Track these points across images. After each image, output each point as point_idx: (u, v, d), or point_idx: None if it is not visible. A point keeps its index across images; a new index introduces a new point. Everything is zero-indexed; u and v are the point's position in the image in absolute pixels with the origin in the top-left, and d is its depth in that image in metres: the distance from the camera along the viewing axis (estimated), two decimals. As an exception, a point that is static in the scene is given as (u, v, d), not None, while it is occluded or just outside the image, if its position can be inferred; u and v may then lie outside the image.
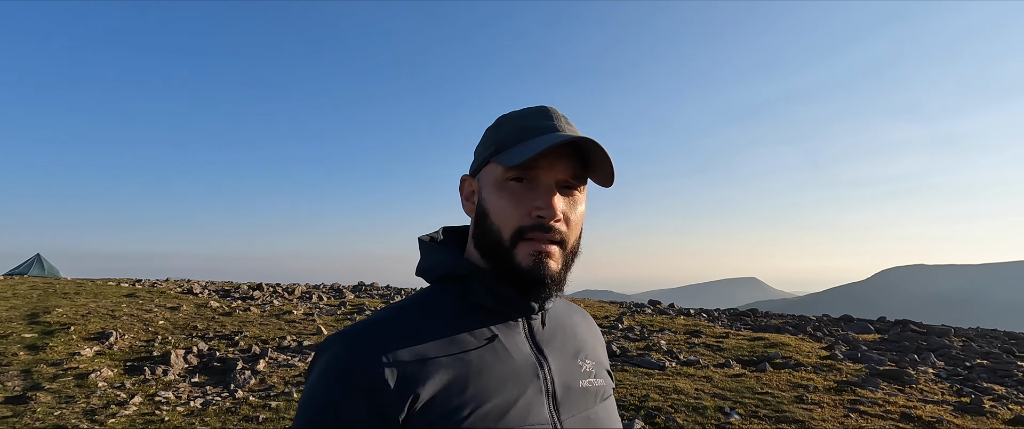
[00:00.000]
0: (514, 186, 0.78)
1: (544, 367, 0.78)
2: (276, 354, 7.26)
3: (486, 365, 0.78)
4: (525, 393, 0.78)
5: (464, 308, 0.78)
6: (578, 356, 0.81)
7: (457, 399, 0.78)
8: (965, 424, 4.96)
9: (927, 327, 9.92)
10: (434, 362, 0.78)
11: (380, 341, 0.77)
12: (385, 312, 0.79)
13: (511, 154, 0.78)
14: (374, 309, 11.56)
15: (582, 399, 0.78)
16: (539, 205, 0.78)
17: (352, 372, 0.77)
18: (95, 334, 7.65)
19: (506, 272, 0.78)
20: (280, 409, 4.88)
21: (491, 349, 0.78)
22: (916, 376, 6.54)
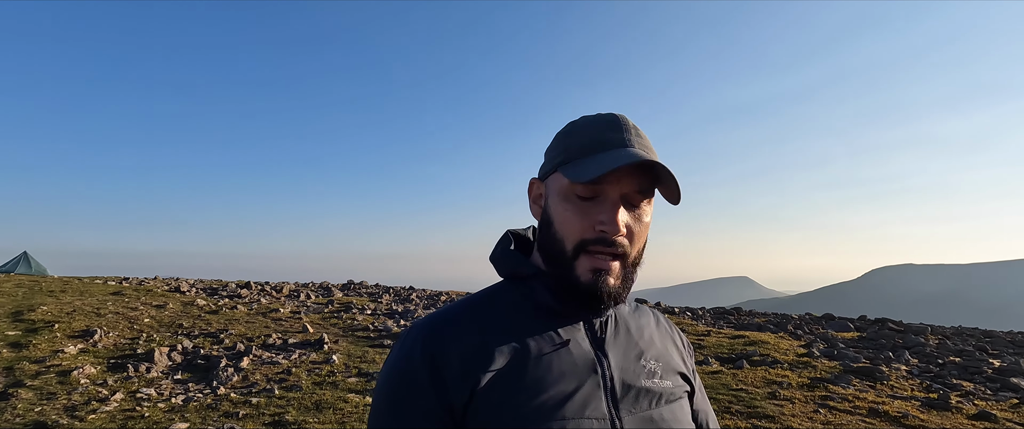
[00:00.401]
0: (579, 198, 0.80)
1: (603, 364, 0.80)
2: (261, 351, 7.31)
3: (545, 357, 0.81)
4: (583, 387, 0.80)
5: (528, 305, 0.81)
6: (642, 357, 0.82)
7: (515, 387, 0.81)
8: (930, 419, 5.10)
9: (905, 325, 10.11)
10: (496, 351, 0.81)
11: (449, 330, 0.81)
12: (456, 304, 0.83)
13: (579, 168, 0.80)
14: (362, 307, 11.61)
15: (643, 398, 0.80)
16: (603, 219, 0.80)
17: (423, 356, 0.81)
18: (79, 332, 7.66)
19: (564, 280, 0.80)
20: (260, 405, 4.94)
21: (551, 343, 0.81)
22: (888, 373, 6.70)
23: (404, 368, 0.82)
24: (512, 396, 0.80)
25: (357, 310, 11.23)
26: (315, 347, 7.75)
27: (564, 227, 0.80)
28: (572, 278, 0.80)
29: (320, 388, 5.63)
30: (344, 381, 5.95)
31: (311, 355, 7.25)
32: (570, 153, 0.80)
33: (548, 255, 0.80)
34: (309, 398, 5.21)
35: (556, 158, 0.81)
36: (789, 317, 11.38)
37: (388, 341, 8.38)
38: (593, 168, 0.80)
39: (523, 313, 0.81)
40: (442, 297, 14.37)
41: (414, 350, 0.82)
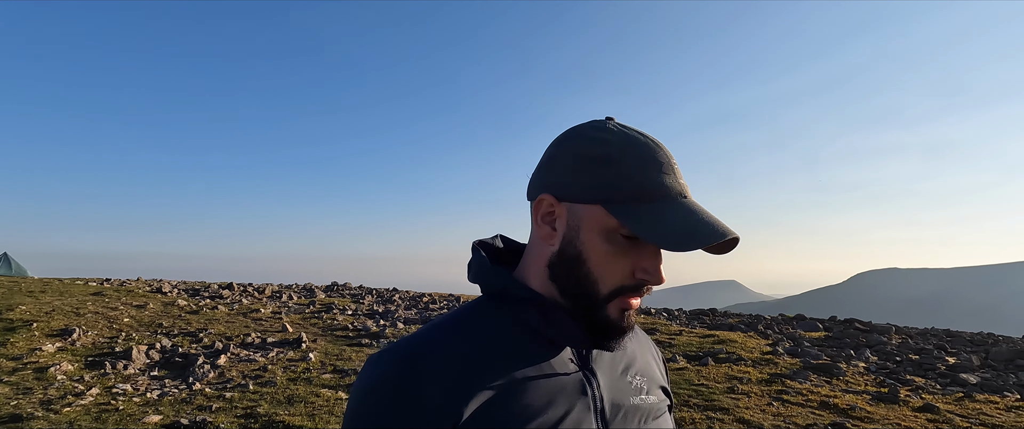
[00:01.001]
0: (624, 242, 0.73)
1: (592, 384, 0.76)
2: (239, 350, 7.44)
3: (533, 383, 0.75)
4: (573, 411, 0.75)
5: (513, 327, 0.76)
6: (628, 372, 0.80)
7: (502, 416, 0.75)
8: (876, 411, 5.37)
9: (870, 325, 10.44)
10: (481, 379, 0.75)
11: (426, 358, 0.75)
12: (431, 327, 0.77)
13: (646, 223, 0.73)
14: (343, 307, 11.75)
15: (632, 416, 0.77)
16: (647, 269, 0.74)
17: (399, 389, 0.75)
18: (58, 331, 7.74)
19: (588, 319, 0.74)
20: (234, 399, 5.09)
21: (538, 367, 0.75)
22: (846, 369, 6.98)
23: (378, 406, 0.75)
24: (501, 425, 0.75)
25: (338, 310, 11.37)
26: (293, 346, 7.89)
27: (602, 269, 0.74)
28: (600, 317, 0.74)
29: (294, 383, 5.79)
30: (318, 377, 6.11)
31: (288, 353, 7.39)
32: (619, 191, 0.73)
33: (570, 289, 0.74)
34: (282, 392, 5.37)
35: (595, 190, 0.73)
36: (761, 317, 11.68)
37: (366, 340, 8.54)
38: (672, 233, 0.73)
39: (507, 335, 0.76)
40: (424, 298, 14.52)
41: (386, 384, 0.75)
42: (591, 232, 0.73)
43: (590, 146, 0.73)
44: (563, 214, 0.74)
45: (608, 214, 0.73)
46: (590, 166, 0.73)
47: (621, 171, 0.73)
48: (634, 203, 0.73)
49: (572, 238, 0.74)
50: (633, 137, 0.73)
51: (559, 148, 0.76)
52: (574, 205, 0.73)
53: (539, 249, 0.77)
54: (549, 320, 0.75)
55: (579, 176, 0.73)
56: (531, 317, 0.75)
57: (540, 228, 0.76)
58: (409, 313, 11.67)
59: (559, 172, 0.74)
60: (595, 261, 0.73)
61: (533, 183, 0.78)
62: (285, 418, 4.55)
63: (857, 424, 4.94)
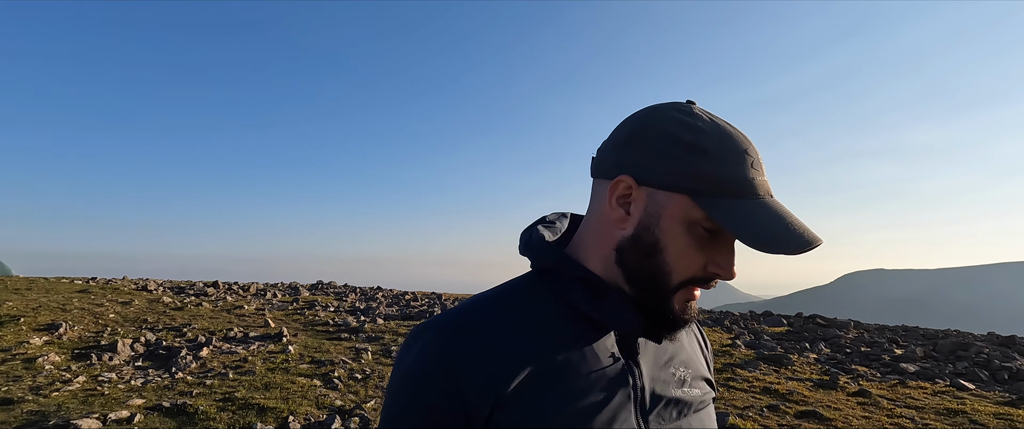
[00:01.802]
0: (704, 234, 0.71)
1: (633, 374, 0.74)
2: (221, 343, 7.75)
3: (574, 366, 0.73)
4: (613, 399, 0.72)
5: (559, 307, 0.75)
6: (671, 363, 0.77)
7: (543, 398, 0.72)
8: (813, 395, 5.81)
9: (830, 321, 10.94)
10: (522, 359, 0.73)
11: (470, 333, 0.74)
12: (477, 301, 0.76)
13: (738, 220, 0.68)
14: (325, 304, 12.06)
15: (673, 408, 0.75)
16: (721, 263, 0.72)
17: (442, 364, 0.73)
18: (45, 325, 8.00)
19: (651, 308, 0.73)
20: (214, 386, 5.43)
21: (581, 351, 0.73)
22: (795, 360, 7.44)
23: (420, 379, 0.74)
24: (539, 408, 0.72)
25: (321, 307, 11.68)
26: (274, 339, 8.21)
27: (678, 260, 0.71)
28: (665, 307, 0.72)
29: (272, 372, 6.13)
30: (296, 367, 6.45)
31: (269, 346, 7.71)
32: (709, 183, 0.69)
33: (642, 278, 0.72)
34: (260, 380, 5.71)
35: (683, 179, 0.69)
36: (730, 313, 12.15)
37: (346, 334, 8.87)
38: (771, 235, 0.67)
39: (553, 316, 0.74)
40: (407, 295, 14.85)
41: (429, 358, 0.73)
42: (673, 221, 0.70)
43: (680, 130, 0.70)
44: (642, 198, 0.72)
45: (694, 205, 0.69)
46: (679, 152, 0.70)
47: (713, 162, 0.69)
48: (723, 197, 0.69)
49: (650, 225, 0.71)
50: (724, 127, 0.71)
51: (642, 127, 0.72)
52: (656, 191, 0.71)
53: (606, 231, 0.74)
54: (600, 303, 0.73)
55: (666, 161, 0.70)
56: (582, 298, 0.74)
57: (612, 210, 0.73)
58: (391, 310, 12.01)
59: (641, 153, 0.72)
60: (673, 251, 0.71)
61: (607, 160, 0.75)
62: (261, 401, 4.89)
63: (791, 406, 5.38)
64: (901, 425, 4.92)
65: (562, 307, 0.74)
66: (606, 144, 0.76)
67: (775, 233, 0.67)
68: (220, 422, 4.36)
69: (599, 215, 0.75)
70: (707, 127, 0.70)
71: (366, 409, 4.89)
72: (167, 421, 4.37)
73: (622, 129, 0.74)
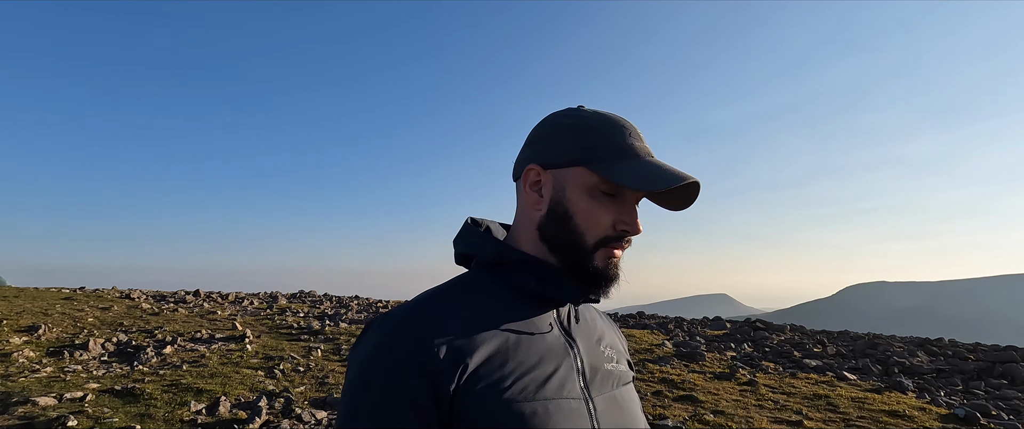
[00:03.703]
0: (605, 197, 0.83)
1: (574, 347, 0.84)
2: (186, 343, 8.44)
3: (525, 341, 0.84)
4: (560, 369, 0.83)
5: (505, 291, 0.84)
6: (600, 342, 0.86)
7: (501, 370, 0.83)
8: (706, 385, 6.49)
9: (768, 325, 11.61)
10: (479, 336, 0.83)
11: (428, 318, 0.84)
12: (425, 295, 0.84)
13: (626, 173, 0.83)
14: (296, 310, 12.74)
15: (607, 380, 0.83)
16: (626, 220, 0.83)
17: (407, 346, 0.83)
18: (25, 327, 8.70)
19: (578, 269, 0.84)
20: (165, 375, 6.13)
21: (529, 328, 0.84)
22: (709, 357, 8.12)
23: (389, 357, 0.83)
24: (499, 379, 0.83)
25: (291, 313, 12.37)
26: (237, 340, 8.90)
27: (589, 222, 0.83)
28: (589, 266, 0.83)
29: (223, 366, 6.82)
30: (247, 362, 7.15)
31: (230, 345, 8.40)
32: (596, 152, 0.84)
33: (559, 243, 0.84)
34: (209, 371, 6.41)
35: (574, 154, 0.84)
36: (682, 320, 12.81)
37: (306, 336, 9.56)
38: (646, 177, 0.84)
39: (499, 299, 0.84)
40: (379, 303, 15.53)
41: (399, 338, 0.83)
42: (576, 190, 0.84)
43: (569, 120, 0.84)
44: (549, 180, 0.84)
45: (590, 172, 0.84)
46: (570, 133, 0.84)
47: (597, 136, 0.84)
48: (611, 161, 0.83)
49: (559, 198, 0.84)
50: (604, 113, 0.84)
51: (540, 128, 0.86)
52: (558, 170, 0.84)
53: (528, 215, 0.85)
54: (543, 279, 0.83)
55: (561, 144, 0.84)
56: (526, 279, 0.84)
57: (528, 196, 0.85)
58: (359, 316, 12.69)
59: (542, 145, 0.85)
60: (581, 215, 0.83)
61: (519, 161, 0.88)
62: (202, 386, 5.59)
63: (675, 391, 6.06)
64: (762, 405, 5.61)
65: (506, 291, 0.84)
66: (518, 154, 0.89)
67: (654, 174, 0.83)
68: (160, 401, 5.06)
69: (521, 208, 0.87)
70: (590, 114, 0.84)
71: (293, 393, 5.58)
72: (116, 401, 5.07)
73: (527, 137, 0.88)
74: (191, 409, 4.88)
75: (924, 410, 5.56)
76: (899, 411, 5.45)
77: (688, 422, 4.94)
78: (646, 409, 5.37)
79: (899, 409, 5.51)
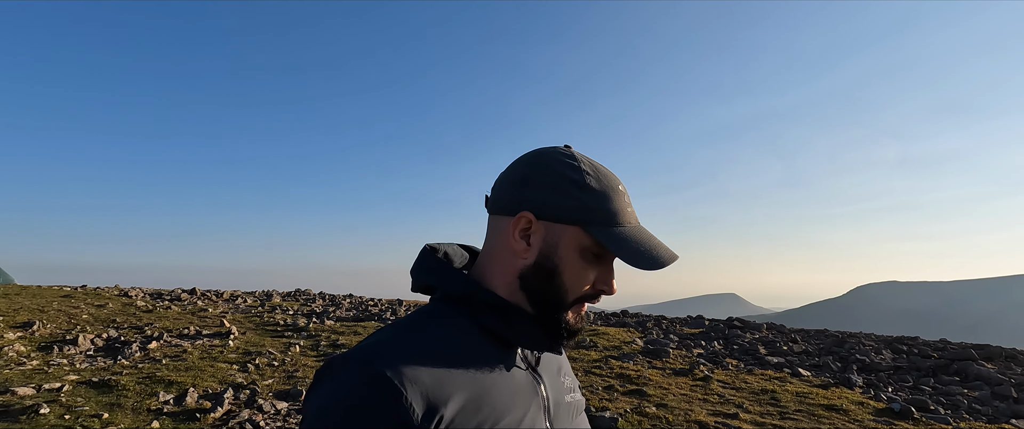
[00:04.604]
0: (593, 258, 0.86)
1: (540, 384, 0.86)
2: (172, 338, 8.81)
3: (497, 384, 0.85)
4: (530, 409, 0.86)
5: (470, 328, 0.85)
6: (560, 373, 0.88)
7: (476, 417, 0.85)
8: (661, 380, 6.73)
9: (745, 323, 11.81)
10: (452, 382, 0.84)
11: (398, 360, 0.83)
12: (391, 331, 0.84)
13: (619, 243, 0.85)
14: (286, 308, 13.10)
15: (566, 412, 0.87)
16: (606, 281, 0.86)
17: (378, 392, 0.83)
18: (21, 323, 9.10)
19: (550, 321, 0.86)
20: (144, 369, 6.47)
21: (498, 369, 0.85)
22: (672, 353, 8.35)
23: (356, 412, 0.83)
24: (475, 426, 0.85)
25: (280, 311, 12.73)
26: (222, 337, 9.26)
27: (575, 281, 0.86)
28: (559, 320, 0.86)
29: (202, 360, 7.16)
30: (225, 356, 7.48)
31: (214, 341, 8.76)
32: (595, 215, 0.86)
33: (538, 296, 0.86)
34: (186, 365, 6.75)
35: (575, 213, 0.86)
36: (663, 318, 13.04)
37: (290, 333, 9.90)
38: (645, 255, 0.86)
39: (468, 338, 0.85)
40: (370, 301, 15.87)
41: (361, 388, 0.83)
42: (569, 249, 0.86)
43: (569, 171, 0.85)
44: (540, 231, 0.86)
45: (585, 234, 0.86)
46: (570, 189, 0.86)
47: (597, 197, 0.86)
48: (607, 226, 0.86)
49: (549, 253, 0.86)
50: (600, 167, 0.86)
51: (535, 169, 0.86)
52: (553, 224, 0.86)
53: (508, 260, 0.86)
54: (511, 324, 0.86)
55: (560, 198, 0.86)
56: (494, 321, 0.85)
57: (515, 242, 0.86)
58: (348, 313, 13.02)
59: (537, 192, 0.86)
60: (569, 274, 0.86)
61: (506, 198, 0.86)
62: (174, 378, 5.93)
63: (627, 386, 6.32)
64: (707, 399, 5.85)
65: (474, 330, 0.85)
66: (502, 183, 0.86)
67: (646, 252, 0.86)
68: (132, 392, 5.40)
69: (501, 247, 0.86)
70: (589, 168, 0.85)
71: (260, 386, 5.90)
72: (90, 392, 5.41)
73: (515, 170, 0.86)
74: (159, 399, 5.21)
75: (862, 404, 5.77)
76: (837, 405, 5.67)
77: (628, 414, 5.20)
78: (593, 402, 5.63)
79: (838, 403, 5.73)
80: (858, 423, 5.16)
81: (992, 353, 8.41)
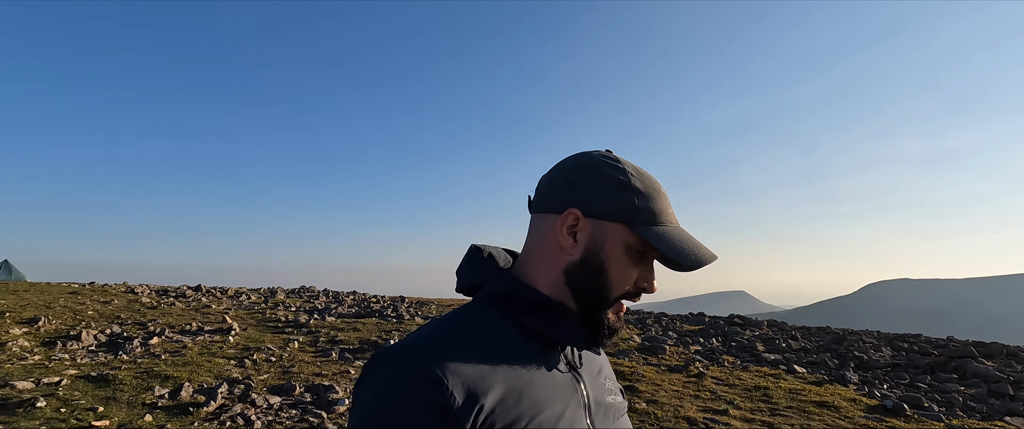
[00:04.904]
0: (637, 256, 0.87)
1: (580, 383, 0.87)
2: (173, 334, 8.92)
3: (536, 380, 0.86)
4: (569, 406, 0.87)
5: (513, 326, 0.87)
6: (601, 375, 0.88)
7: (515, 410, 0.86)
8: (655, 377, 6.73)
9: (746, 320, 11.77)
10: (493, 375, 0.86)
11: (441, 354, 0.85)
12: (433, 328, 0.86)
13: (664, 241, 0.88)
14: (288, 305, 13.21)
15: (608, 413, 0.87)
16: (647, 279, 0.88)
17: (422, 384, 0.85)
18: (27, 319, 9.26)
19: (592, 319, 0.87)
20: (143, 363, 6.57)
21: (540, 366, 0.86)
22: (669, 350, 8.35)
23: (402, 399, 0.85)
24: (514, 420, 0.86)
25: (283, 308, 12.85)
26: (223, 333, 9.37)
27: (619, 278, 0.87)
28: (601, 318, 0.87)
29: (201, 356, 7.26)
30: (224, 352, 7.58)
31: (215, 337, 8.86)
32: (640, 214, 0.88)
33: (584, 292, 0.87)
34: (185, 360, 6.85)
35: (623, 212, 0.88)
36: (664, 316, 13.02)
37: (290, 329, 9.99)
38: (688, 253, 0.88)
39: (510, 335, 0.87)
40: (372, 298, 15.97)
41: (411, 378, 0.85)
42: (615, 246, 0.88)
43: (615, 173, 0.88)
44: (587, 228, 0.88)
45: (631, 231, 0.88)
46: (616, 189, 0.88)
47: (642, 197, 0.88)
48: (650, 225, 0.88)
49: (596, 249, 0.88)
50: (642, 171, 0.89)
51: (582, 170, 0.89)
52: (600, 222, 0.88)
53: (554, 256, 0.88)
54: (554, 322, 0.87)
55: (605, 197, 0.88)
56: (536, 319, 0.87)
57: (562, 238, 0.88)
58: (350, 310, 13.12)
59: (585, 191, 0.88)
60: (615, 271, 0.88)
61: (552, 198, 0.89)
62: (171, 373, 6.02)
63: (620, 382, 6.29)
64: (698, 396, 5.86)
65: (516, 327, 0.86)
66: (545, 185, 0.88)
67: (688, 250, 0.88)
68: (128, 387, 5.49)
69: (546, 244, 0.88)
70: (632, 170, 0.88)
71: (255, 380, 5.98)
72: (88, 386, 5.51)
73: (561, 172, 0.88)
74: (155, 393, 5.30)
75: (855, 401, 5.75)
76: (829, 402, 5.65)
77: (617, 410, 5.21)
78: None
79: (830, 400, 5.71)
80: (849, 420, 5.15)
81: (993, 351, 8.33)
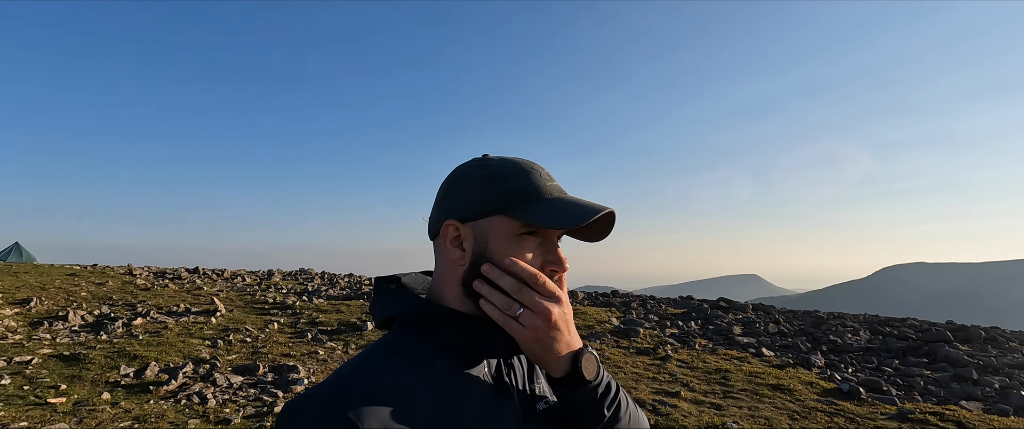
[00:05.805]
0: (529, 240, 0.85)
1: (512, 393, 0.85)
2: (158, 315, 9.13)
3: (463, 404, 0.84)
4: (505, 419, 0.85)
5: (434, 351, 0.84)
6: (531, 380, 0.87)
7: None
8: (620, 358, 6.79)
9: (731, 303, 11.75)
10: (415, 409, 0.83)
11: (355, 398, 0.82)
12: (353, 367, 0.83)
13: (545, 214, 0.85)
14: (279, 287, 13.42)
15: (543, 417, 0.86)
16: (552, 259, 0.85)
17: None
18: (20, 300, 9.53)
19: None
20: (118, 344, 6.75)
21: (465, 387, 0.84)
22: (641, 332, 8.39)
23: None
24: None
25: (275, 289, 13.05)
26: (209, 314, 9.56)
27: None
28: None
29: (178, 337, 7.43)
30: (202, 332, 7.75)
31: (199, 318, 9.06)
32: (513, 198, 0.86)
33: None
34: (159, 340, 7.02)
35: (494, 203, 0.86)
36: (650, 298, 13.04)
37: (276, 311, 10.17)
38: (571, 216, 0.85)
39: (431, 360, 0.84)
40: (366, 281, 16.15)
41: (327, 425, 0.82)
42: (498, 239, 0.86)
43: (478, 171, 0.87)
44: (469, 233, 0.86)
45: (509, 219, 0.86)
46: (483, 186, 0.86)
47: (509, 181, 0.86)
48: (528, 205, 0.86)
49: (482, 250, 0.86)
50: (511, 158, 0.87)
51: (451, 183, 0.87)
52: (478, 222, 0.86)
53: (451, 271, 0.86)
54: (470, 335, 0.85)
55: (477, 196, 0.86)
56: (453, 337, 0.85)
57: (450, 252, 0.86)
58: (342, 292, 13.30)
59: (457, 199, 0.86)
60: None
61: (433, 218, 0.87)
62: (140, 351, 6.19)
63: (581, 364, 6.39)
64: (657, 378, 5.90)
65: (436, 350, 0.85)
66: (432, 209, 0.87)
67: (571, 212, 0.86)
68: (96, 365, 5.66)
69: (443, 263, 0.86)
70: (498, 162, 0.87)
71: (221, 361, 6.12)
72: (58, 364, 5.69)
73: (438, 192, 0.87)
74: (120, 372, 5.46)
75: (811, 384, 5.77)
76: (785, 385, 5.67)
77: (569, 391, 5.28)
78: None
79: (787, 384, 5.73)
80: (800, 403, 5.17)
81: (971, 335, 8.26)
